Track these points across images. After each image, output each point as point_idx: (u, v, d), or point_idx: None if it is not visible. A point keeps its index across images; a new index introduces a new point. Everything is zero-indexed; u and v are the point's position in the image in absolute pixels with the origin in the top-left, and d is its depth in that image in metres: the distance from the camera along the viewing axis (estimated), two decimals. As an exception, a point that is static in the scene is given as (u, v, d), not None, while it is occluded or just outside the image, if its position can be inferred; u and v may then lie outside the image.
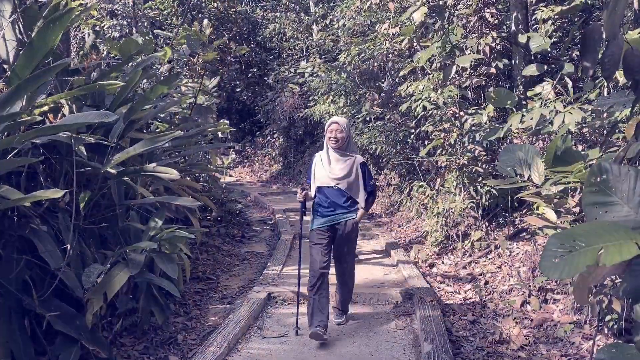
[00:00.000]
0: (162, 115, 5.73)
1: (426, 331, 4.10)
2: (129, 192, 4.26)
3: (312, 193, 4.39)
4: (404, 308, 4.97)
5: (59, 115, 3.70)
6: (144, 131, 5.08)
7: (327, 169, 4.27)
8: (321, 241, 4.29)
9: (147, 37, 5.48)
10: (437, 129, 6.69)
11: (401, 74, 7.80)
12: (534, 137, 5.77)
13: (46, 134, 3.13)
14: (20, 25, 3.57)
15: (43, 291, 3.21)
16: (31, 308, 3.16)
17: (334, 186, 4.25)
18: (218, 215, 7.85)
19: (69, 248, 3.20)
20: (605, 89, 4.80)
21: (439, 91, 6.47)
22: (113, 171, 3.60)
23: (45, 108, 3.54)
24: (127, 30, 12.62)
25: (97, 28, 6.70)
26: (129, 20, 13.04)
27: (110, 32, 12.11)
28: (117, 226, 3.97)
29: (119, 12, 13.37)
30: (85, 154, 3.60)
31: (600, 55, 2.00)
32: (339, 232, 4.29)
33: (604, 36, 1.92)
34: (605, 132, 4.56)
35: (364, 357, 3.92)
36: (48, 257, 3.13)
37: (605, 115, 4.22)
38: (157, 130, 5.62)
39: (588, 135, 5.14)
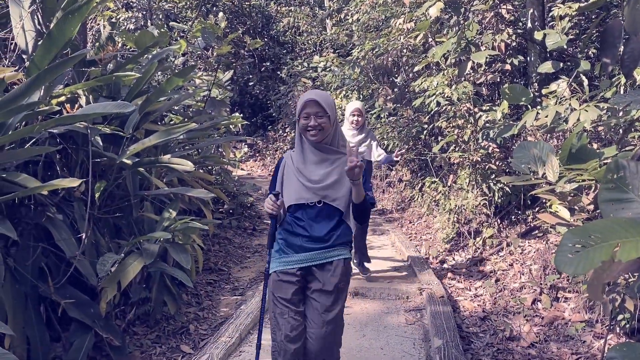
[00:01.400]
0: (176, 108, 5.76)
1: (436, 326, 4.10)
2: (144, 183, 4.30)
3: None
4: (414, 303, 4.98)
5: (76, 106, 3.74)
6: (159, 123, 5.12)
7: (304, 174, 2.65)
8: (289, 295, 2.65)
9: (162, 30, 5.50)
10: (451, 125, 6.67)
11: (415, 69, 7.77)
12: (549, 135, 5.73)
13: (64, 124, 3.18)
14: (39, 16, 3.60)
15: (58, 279, 3.26)
16: (47, 295, 3.21)
17: (317, 203, 2.63)
18: (230, 207, 7.89)
19: (84, 237, 3.25)
20: (622, 87, 4.75)
21: (454, 87, 6.44)
22: (128, 162, 3.63)
23: (63, 98, 3.58)
24: (143, 23, 12.68)
25: (113, 20, 6.74)
26: (144, 12, 13.10)
27: (125, 24, 12.17)
28: (131, 216, 4.02)
29: (135, 5, 13.43)
30: (101, 144, 3.64)
31: (620, 52, 1.99)
32: (319, 280, 2.66)
33: (624, 32, 1.90)
34: (621, 130, 4.51)
35: (374, 351, 3.94)
36: (63, 245, 3.17)
37: (621, 113, 4.18)
38: (172, 122, 5.66)
39: (603, 133, 5.10)
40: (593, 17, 7.06)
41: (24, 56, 3.58)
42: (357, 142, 5.34)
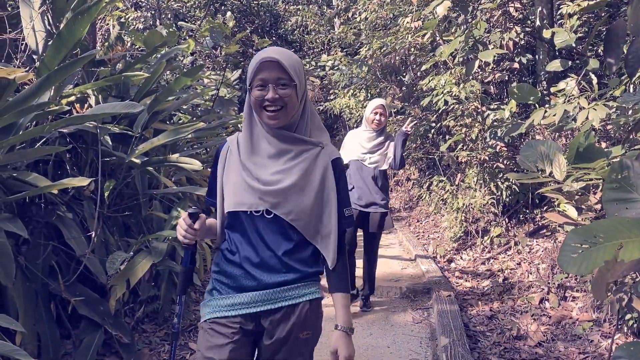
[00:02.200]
0: (184, 107, 5.80)
1: (443, 325, 4.11)
2: (153, 182, 4.33)
3: (216, 225, 1.92)
4: (421, 302, 4.99)
5: (85, 106, 3.78)
6: (167, 122, 5.16)
7: (250, 170, 1.76)
8: (226, 356, 1.73)
9: (170, 29, 5.54)
10: (459, 123, 6.67)
11: (423, 68, 7.77)
12: (557, 134, 5.71)
13: (73, 124, 3.21)
14: (49, 17, 3.64)
15: (68, 277, 3.30)
16: (57, 293, 3.24)
17: (264, 212, 1.74)
18: (238, 206, 7.90)
19: (93, 235, 3.28)
20: (631, 86, 4.73)
21: (461, 86, 6.44)
22: (137, 161, 3.67)
23: (72, 98, 3.63)
24: (151, 22, 12.75)
25: (122, 20, 6.79)
26: (153, 12, 13.17)
27: (134, 23, 12.25)
28: (140, 215, 4.05)
29: (143, 4, 13.51)
30: (110, 143, 3.68)
31: (624, 52, 1.99)
32: (271, 332, 1.77)
33: (629, 32, 1.91)
34: (629, 129, 4.49)
35: (381, 349, 3.95)
36: (73, 243, 3.21)
37: (630, 112, 4.16)
38: (180, 121, 5.69)
39: (612, 132, 5.07)
40: (602, 14, 7.02)
41: (35, 56, 3.62)
42: (374, 147, 4.57)
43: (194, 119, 5.56)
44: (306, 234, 1.75)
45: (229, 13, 7.08)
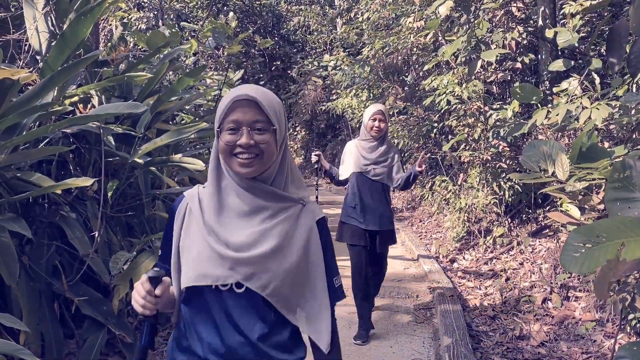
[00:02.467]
0: (187, 107, 5.81)
1: (446, 325, 4.11)
2: (155, 182, 4.35)
3: (172, 293, 1.48)
4: (424, 302, 4.99)
5: (89, 106, 3.79)
6: (170, 122, 5.17)
7: (217, 233, 1.38)
8: None
9: (173, 30, 5.55)
10: (461, 123, 6.66)
11: (425, 68, 7.77)
12: (560, 134, 5.71)
13: (77, 124, 3.22)
14: (53, 18, 3.65)
15: (72, 276, 3.31)
16: (60, 292, 3.25)
17: (234, 286, 1.36)
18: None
19: (96, 235, 3.29)
20: (634, 86, 4.72)
21: (464, 86, 6.43)
22: (140, 161, 3.68)
23: (76, 98, 3.64)
24: (154, 23, 12.78)
25: (125, 20, 6.80)
26: (155, 12, 13.20)
27: (137, 24, 12.27)
28: (143, 215, 4.06)
29: (146, 4, 13.54)
30: (114, 143, 3.69)
31: (627, 51, 1.99)
32: None
33: (631, 32, 1.91)
34: (632, 128, 4.49)
35: (383, 349, 3.96)
36: (77, 243, 3.22)
37: (633, 111, 4.16)
38: (183, 122, 5.70)
39: (615, 132, 5.07)
40: (605, 14, 7.00)
41: (38, 57, 3.63)
42: (378, 157, 4.17)
43: (197, 119, 5.57)
44: (286, 312, 1.39)
45: (231, 13, 7.08)
